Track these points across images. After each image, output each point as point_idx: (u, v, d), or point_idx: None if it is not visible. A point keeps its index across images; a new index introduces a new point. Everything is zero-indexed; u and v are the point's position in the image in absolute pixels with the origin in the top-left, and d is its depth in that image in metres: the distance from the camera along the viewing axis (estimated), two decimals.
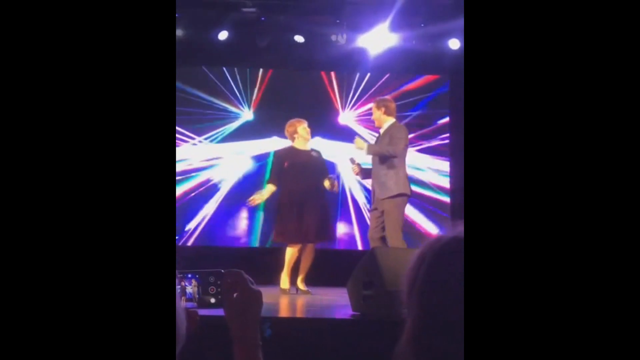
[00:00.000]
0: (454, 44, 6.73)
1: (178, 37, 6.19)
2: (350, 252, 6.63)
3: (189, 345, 0.88)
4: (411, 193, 4.82)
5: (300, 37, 6.70)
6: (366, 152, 4.83)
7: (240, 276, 1.08)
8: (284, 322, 2.95)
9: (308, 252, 5.00)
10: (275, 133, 6.76)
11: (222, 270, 1.10)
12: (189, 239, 6.77)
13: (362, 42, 6.72)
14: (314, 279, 5.10)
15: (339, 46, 6.66)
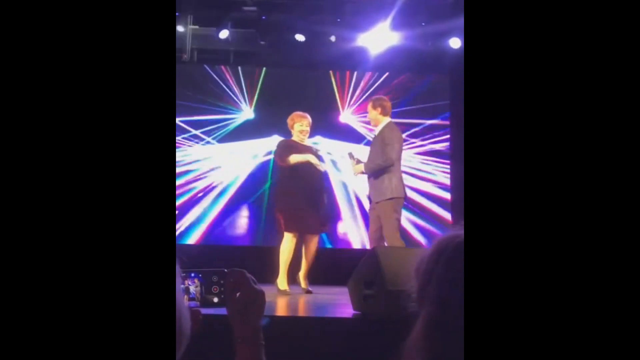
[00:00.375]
0: (455, 43, 6.72)
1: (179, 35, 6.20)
2: (352, 251, 6.63)
3: (192, 344, 0.88)
4: (406, 195, 4.83)
5: (301, 36, 6.71)
6: (366, 172, 4.83)
7: (243, 275, 1.08)
8: (285, 321, 2.95)
9: (310, 246, 4.89)
10: (275, 132, 6.76)
11: (225, 269, 1.10)
12: (192, 238, 6.77)
13: (363, 41, 6.72)
14: (315, 278, 5.08)
15: (340, 45, 6.67)
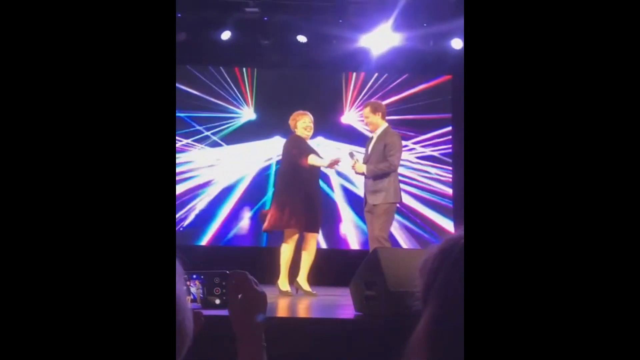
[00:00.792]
0: (457, 44, 6.72)
1: (181, 39, 6.21)
2: (352, 252, 6.63)
3: (193, 346, 0.88)
4: (401, 199, 4.88)
5: (303, 37, 6.71)
6: (367, 174, 4.84)
7: (244, 277, 1.08)
8: (287, 323, 2.95)
9: (309, 247, 4.87)
10: (277, 133, 6.76)
11: (227, 271, 1.10)
12: (194, 239, 6.78)
13: (365, 42, 6.73)
14: (317, 279, 5.08)
15: (342, 46, 6.67)
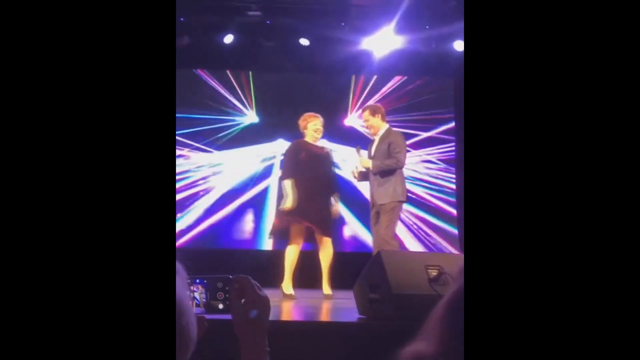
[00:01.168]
0: (460, 46, 6.72)
1: (184, 42, 6.23)
2: (357, 255, 6.62)
3: (197, 350, 0.88)
4: (407, 199, 4.90)
5: (305, 40, 6.72)
6: (372, 170, 4.85)
7: (247, 282, 1.09)
8: (290, 326, 2.95)
9: (325, 249, 4.83)
10: (280, 135, 6.77)
11: (230, 275, 1.10)
12: (197, 243, 6.78)
13: (367, 45, 6.73)
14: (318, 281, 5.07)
15: (345, 49, 6.68)
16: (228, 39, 6.66)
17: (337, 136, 6.92)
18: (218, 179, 7.00)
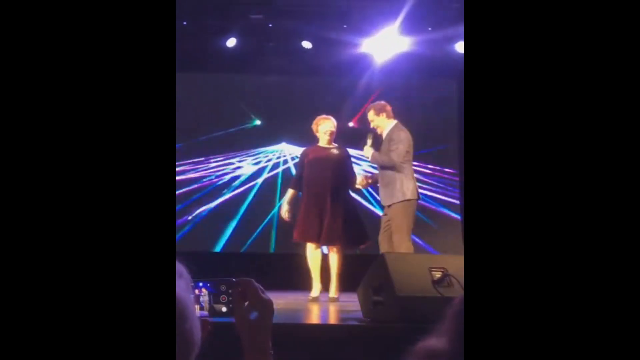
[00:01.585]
0: (462, 48, 6.72)
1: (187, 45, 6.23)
2: (361, 257, 6.60)
3: (200, 354, 0.88)
4: (419, 197, 4.72)
5: (307, 43, 6.73)
6: (370, 160, 4.84)
7: (250, 285, 1.09)
8: (293, 329, 2.95)
9: (334, 256, 4.82)
10: (284, 139, 6.77)
11: (234, 278, 1.10)
12: (199, 245, 6.78)
13: (370, 47, 6.73)
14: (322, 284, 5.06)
15: (347, 51, 6.67)
16: (231, 43, 6.67)
17: (343, 139, 6.91)
18: (221, 182, 7.00)
